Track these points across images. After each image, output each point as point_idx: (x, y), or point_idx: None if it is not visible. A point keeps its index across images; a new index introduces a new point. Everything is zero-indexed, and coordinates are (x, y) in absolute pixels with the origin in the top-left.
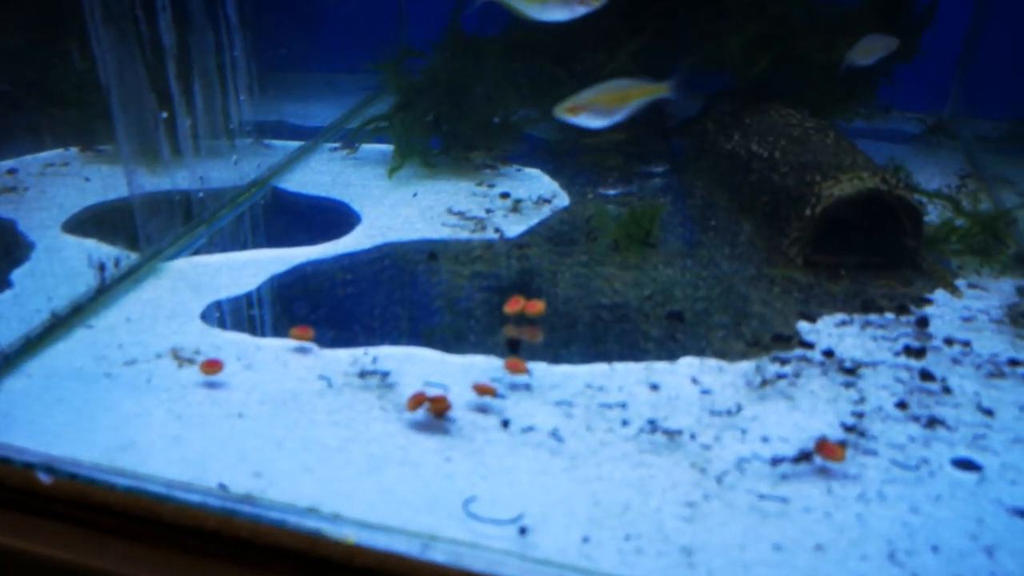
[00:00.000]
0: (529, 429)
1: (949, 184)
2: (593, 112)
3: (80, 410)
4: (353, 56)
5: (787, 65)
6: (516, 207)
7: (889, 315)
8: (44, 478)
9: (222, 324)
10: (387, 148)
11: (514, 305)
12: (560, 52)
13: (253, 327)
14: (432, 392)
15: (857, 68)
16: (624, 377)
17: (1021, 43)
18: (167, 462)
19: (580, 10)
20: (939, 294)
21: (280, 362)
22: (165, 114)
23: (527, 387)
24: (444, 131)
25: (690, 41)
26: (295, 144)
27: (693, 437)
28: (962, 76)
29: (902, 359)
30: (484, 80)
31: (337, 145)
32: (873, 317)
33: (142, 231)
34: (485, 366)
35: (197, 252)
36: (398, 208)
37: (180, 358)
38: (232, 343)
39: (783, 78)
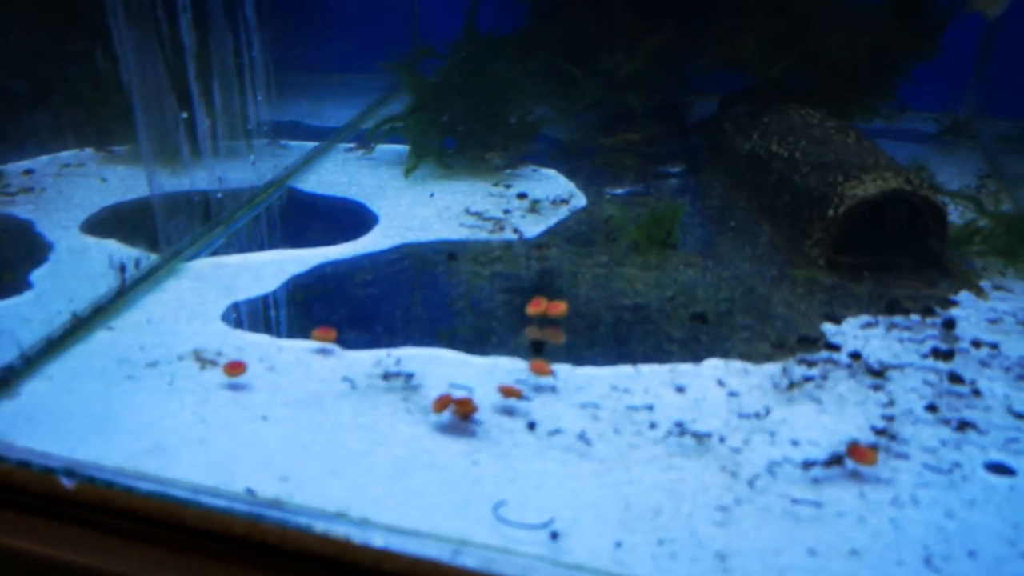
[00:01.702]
0: (556, 432)
1: (969, 184)
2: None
3: (102, 413)
4: (365, 56)
5: (805, 64)
6: (534, 207)
7: (915, 317)
8: (66, 482)
9: (243, 325)
10: (402, 148)
11: (536, 306)
12: (576, 51)
13: (274, 328)
14: (457, 394)
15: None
16: (649, 379)
17: None
18: (192, 466)
19: None
20: (964, 295)
21: (303, 364)
22: (185, 114)
23: (552, 389)
24: (459, 131)
25: (708, 40)
26: (310, 144)
27: (722, 440)
28: (979, 76)
29: (930, 361)
30: (499, 80)
31: (352, 145)
32: (899, 319)
33: (162, 232)
34: (509, 367)
35: (216, 253)
36: (415, 208)
37: (202, 359)
38: (254, 344)
39: (801, 77)
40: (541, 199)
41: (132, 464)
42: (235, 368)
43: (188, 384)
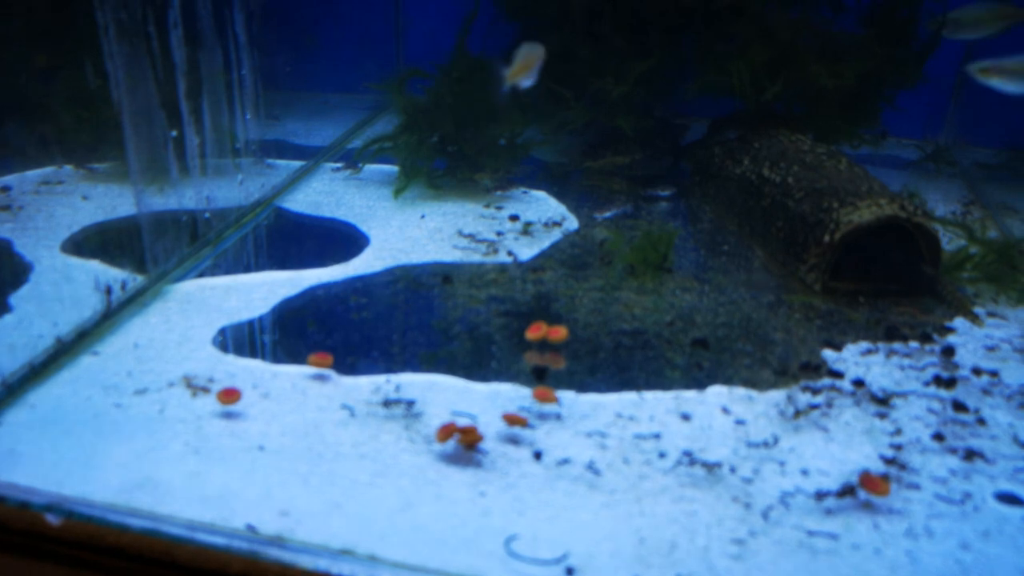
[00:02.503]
0: (564, 462)
1: (954, 211)
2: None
3: (89, 444)
4: (351, 75)
5: (793, 90)
6: (526, 230)
7: (913, 343)
8: (51, 519)
9: (235, 350)
10: (390, 168)
11: (536, 331)
12: (566, 74)
13: (267, 353)
14: (461, 422)
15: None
16: (654, 406)
17: None
18: (185, 500)
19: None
20: (959, 322)
21: (299, 390)
22: (175, 132)
23: (557, 417)
24: (449, 152)
25: (697, 65)
26: (297, 164)
27: (733, 470)
28: (957, 103)
29: (932, 389)
30: (490, 101)
31: (340, 165)
32: (898, 345)
33: (149, 252)
34: (512, 395)
35: (203, 274)
36: (406, 230)
37: (194, 386)
38: (247, 370)
39: (789, 102)
40: (534, 221)
41: (122, 499)
42: (229, 395)
43: (180, 412)
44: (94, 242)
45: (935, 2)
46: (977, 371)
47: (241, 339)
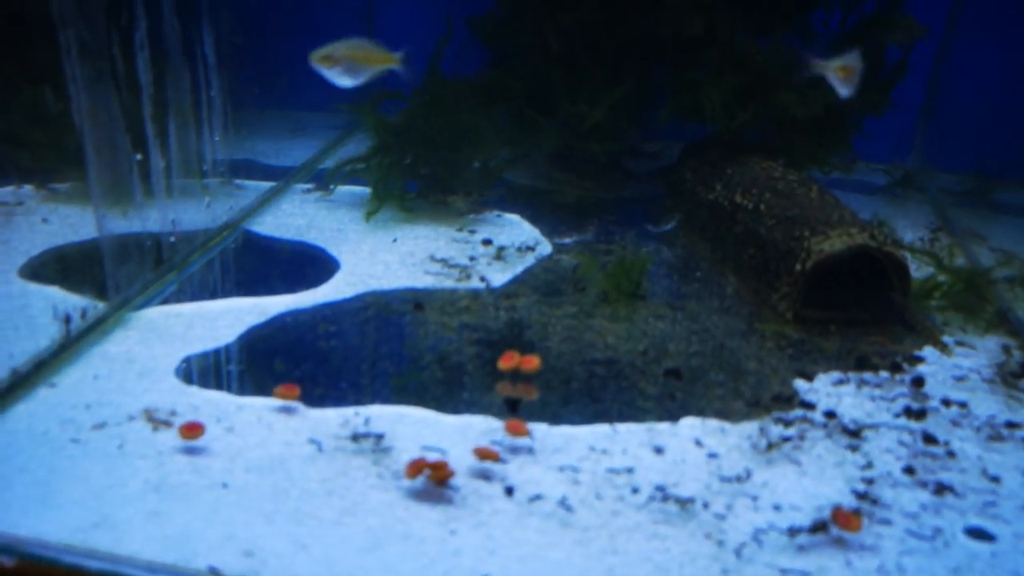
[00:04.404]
0: (536, 498)
1: (921, 238)
2: (346, 68)
3: (45, 481)
4: (321, 95)
5: (764, 117)
6: (500, 255)
7: (884, 373)
8: (5, 560)
9: (199, 381)
10: (361, 190)
11: (508, 361)
12: (538, 98)
13: (232, 384)
14: (431, 457)
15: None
16: (627, 439)
17: (982, 97)
18: (146, 540)
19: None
20: (928, 351)
21: (264, 424)
22: (139, 156)
23: (529, 450)
24: (422, 175)
25: (669, 91)
26: (266, 185)
27: (706, 506)
28: (924, 129)
29: (903, 420)
30: (463, 124)
31: (310, 186)
32: (868, 375)
33: (111, 278)
34: (483, 427)
35: (167, 301)
36: (378, 254)
37: (155, 420)
38: (210, 402)
39: (760, 129)
40: (507, 246)
41: (79, 539)
42: (192, 430)
43: (140, 448)
44: (53, 267)
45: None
46: (947, 402)
47: (206, 370)
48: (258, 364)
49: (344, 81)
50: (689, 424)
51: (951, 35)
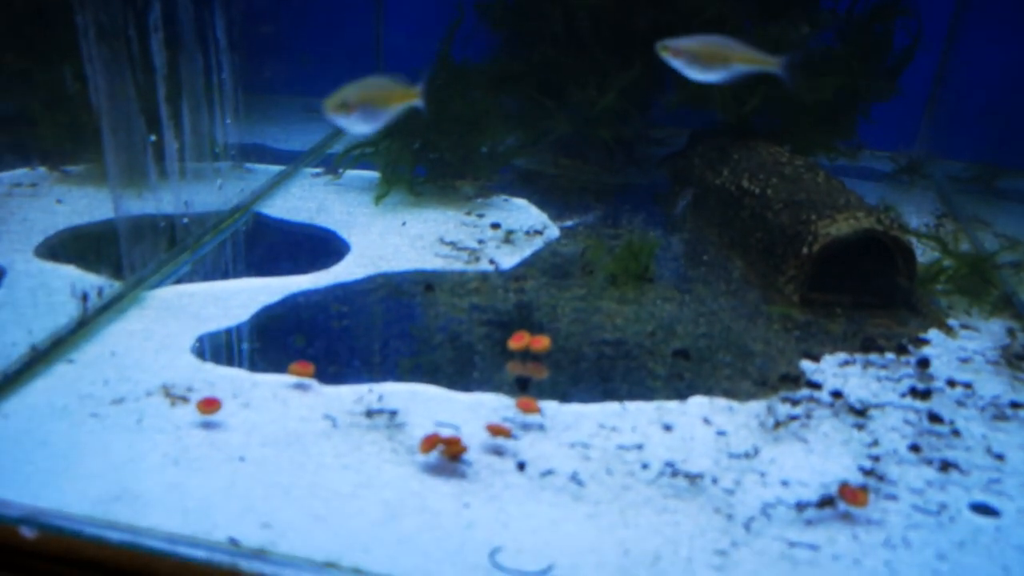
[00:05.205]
0: (548, 472)
1: (927, 224)
2: (362, 114)
3: (65, 455)
4: (332, 80)
5: (772, 103)
6: (508, 238)
7: (889, 355)
8: (27, 533)
9: (214, 358)
10: (370, 174)
11: (519, 340)
12: (548, 84)
13: (247, 361)
14: (445, 433)
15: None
16: (636, 417)
17: (987, 85)
18: (166, 512)
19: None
20: (934, 334)
21: (280, 400)
22: (154, 137)
23: (540, 427)
24: (431, 159)
25: (678, 77)
26: (276, 168)
27: (715, 481)
28: (929, 116)
29: (908, 400)
30: (472, 109)
31: (319, 170)
32: (874, 357)
33: (126, 258)
34: (495, 404)
35: (181, 280)
36: (387, 237)
37: (172, 396)
38: (226, 379)
39: (768, 115)
40: (515, 229)
41: (100, 511)
42: (209, 405)
43: (158, 422)
44: (70, 247)
45: (909, 17)
46: (952, 383)
47: (220, 347)
48: (272, 342)
49: (362, 128)
50: (697, 403)
51: (958, 23)
